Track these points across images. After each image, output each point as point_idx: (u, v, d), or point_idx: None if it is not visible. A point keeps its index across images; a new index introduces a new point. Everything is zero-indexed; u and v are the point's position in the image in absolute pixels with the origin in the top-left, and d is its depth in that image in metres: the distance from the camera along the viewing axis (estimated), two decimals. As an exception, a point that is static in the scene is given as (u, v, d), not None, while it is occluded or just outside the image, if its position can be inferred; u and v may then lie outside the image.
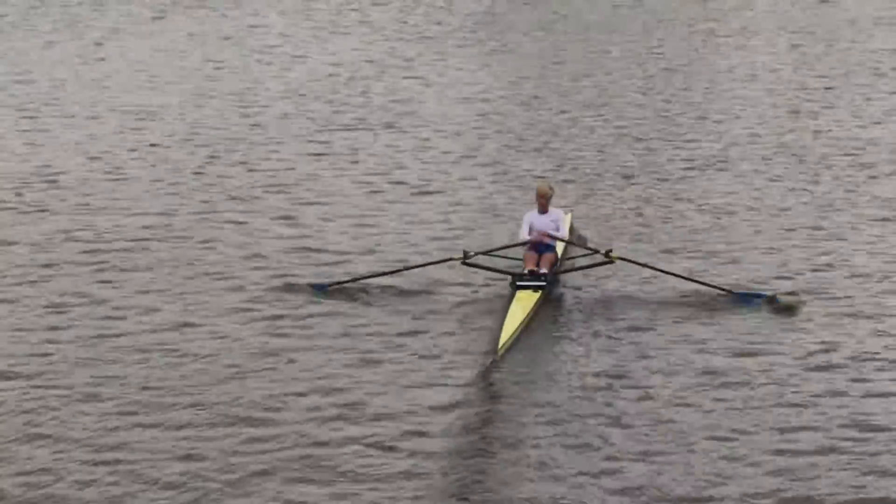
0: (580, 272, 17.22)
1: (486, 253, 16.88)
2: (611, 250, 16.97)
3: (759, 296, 16.58)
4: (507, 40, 39.52)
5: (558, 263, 17.07)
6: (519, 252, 17.08)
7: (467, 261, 16.55)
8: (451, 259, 16.95)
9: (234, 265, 18.30)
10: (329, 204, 21.72)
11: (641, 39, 41.16)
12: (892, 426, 13.43)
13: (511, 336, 14.70)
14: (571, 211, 19.60)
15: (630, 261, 17.13)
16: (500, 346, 14.40)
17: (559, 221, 17.19)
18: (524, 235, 16.98)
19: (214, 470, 12.31)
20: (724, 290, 16.54)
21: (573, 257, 17.73)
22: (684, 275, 17.07)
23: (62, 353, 15.11)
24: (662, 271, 17.15)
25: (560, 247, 17.37)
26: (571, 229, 18.44)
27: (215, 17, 38.31)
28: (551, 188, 17.48)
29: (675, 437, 13.08)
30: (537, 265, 16.63)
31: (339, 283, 16.70)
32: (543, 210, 17.18)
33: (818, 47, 40.78)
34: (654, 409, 13.52)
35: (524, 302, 15.57)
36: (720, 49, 40.00)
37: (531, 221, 17.13)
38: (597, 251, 17.13)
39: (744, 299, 16.39)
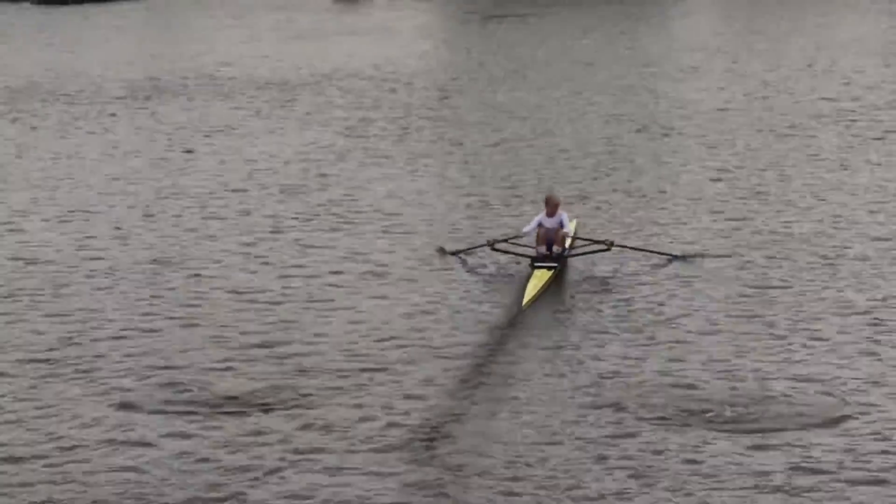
0: (584, 255, 20.61)
1: (505, 240, 20.64)
2: (610, 240, 20.52)
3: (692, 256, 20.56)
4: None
5: (565, 252, 20.33)
6: (531, 245, 20.43)
7: (494, 247, 20.51)
8: (482, 246, 20.85)
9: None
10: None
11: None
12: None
13: (532, 297, 18.57)
14: (577, 218, 22.40)
15: (624, 246, 20.67)
16: (524, 302, 18.41)
17: (563, 223, 20.36)
18: (529, 228, 20.41)
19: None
20: (673, 255, 20.54)
21: (578, 248, 20.86)
22: (658, 250, 20.74)
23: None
24: (647, 251, 20.67)
25: (566, 242, 20.49)
26: (577, 231, 21.47)
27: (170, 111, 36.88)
28: (557, 196, 20.91)
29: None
30: (549, 249, 20.11)
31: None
32: (551, 214, 20.36)
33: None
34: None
35: (540, 276, 19.31)
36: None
37: (540, 222, 20.42)
38: (599, 241, 20.55)
39: (682, 260, 20.36)
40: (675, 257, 20.45)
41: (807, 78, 39.94)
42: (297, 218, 23.47)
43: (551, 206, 20.34)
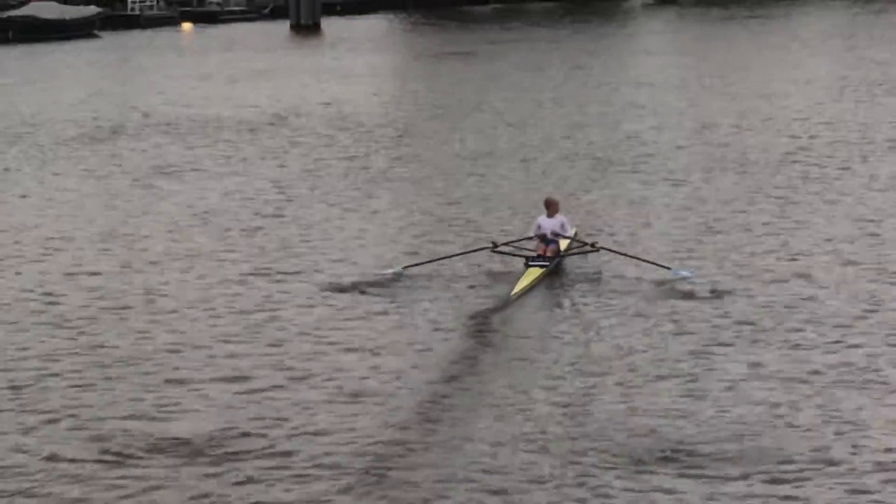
0: (574, 256, 22.55)
1: (507, 244, 22.38)
2: (596, 242, 22.56)
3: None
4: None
5: (558, 256, 22.09)
6: (531, 244, 22.18)
7: (496, 249, 22.16)
8: (484, 248, 22.42)
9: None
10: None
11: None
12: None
13: (521, 290, 20.59)
14: (577, 226, 23.95)
15: (609, 249, 22.43)
16: (513, 293, 20.45)
17: (563, 224, 22.28)
18: (532, 233, 22.31)
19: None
20: (663, 266, 21.66)
21: (570, 249, 22.65)
22: (645, 258, 22.09)
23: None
24: (631, 256, 22.22)
25: (563, 243, 22.36)
26: (576, 234, 23.29)
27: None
28: (556, 199, 22.95)
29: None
30: (544, 252, 21.81)
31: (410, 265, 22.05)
32: (551, 215, 22.28)
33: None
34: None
35: (532, 274, 21.21)
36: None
37: (540, 222, 22.31)
38: (586, 243, 22.52)
39: (675, 273, 21.39)
40: (658, 265, 21.55)
41: (763, 111, 40.17)
42: (249, 257, 23.14)
43: (551, 208, 22.35)
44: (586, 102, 43.50)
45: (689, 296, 20.27)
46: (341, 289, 21.04)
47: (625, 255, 22.18)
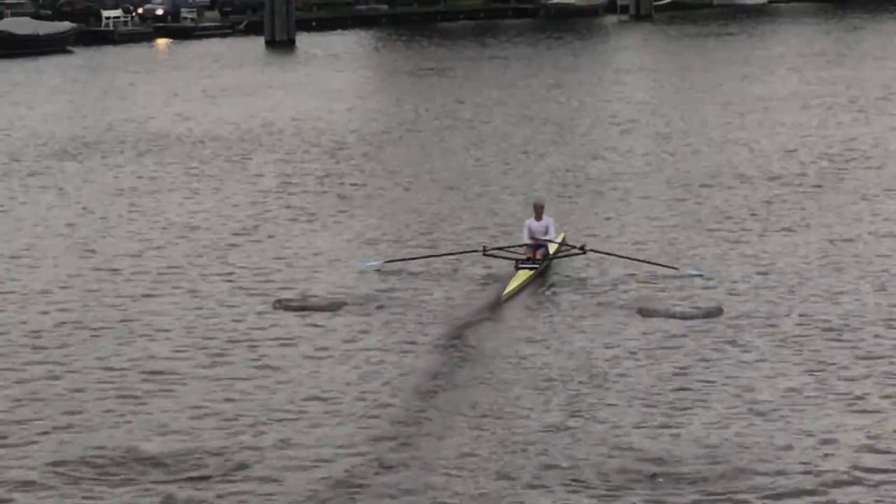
0: (563, 259, 23.51)
1: (498, 248, 23.35)
2: (585, 245, 23.36)
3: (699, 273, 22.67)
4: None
5: (549, 256, 23.07)
6: (520, 249, 23.11)
7: (486, 252, 23.07)
8: (475, 251, 23.36)
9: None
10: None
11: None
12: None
13: (510, 292, 21.45)
14: (566, 230, 25.04)
15: (597, 251, 23.33)
16: (503, 295, 21.30)
17: (549, 226, 23.16)
18: (524, 238, 23.08)
19: None
20: (670, 266, 22.74)
21: (559, 252, 23.59)
22: (636, 257, 23.28)
23: None
24: (619, 256, 23.31)
25: (552, 247, 23.40)
26: (564, 238, 24.21)
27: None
28: (543, 203, 23.82)
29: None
30: (534, 255, 22.76)
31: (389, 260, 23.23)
32: (538, 218, 23.20)
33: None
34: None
35: (522, 276, 22.09)
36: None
37: (529, 225, 23.15)
38: (574, 246, 23.42)
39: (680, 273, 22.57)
40: (647, 263, 22.87)
41: (737, 130, 40.29)
42: (224, 272, 23.07)
43: (538, 211, 23.28)
44: (560, 119, 43.57)
45: (681, 295, 21.21)
46: (312, 305, 20.99)
47: (616, 255, 23.23)
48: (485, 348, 18.94)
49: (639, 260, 23.05)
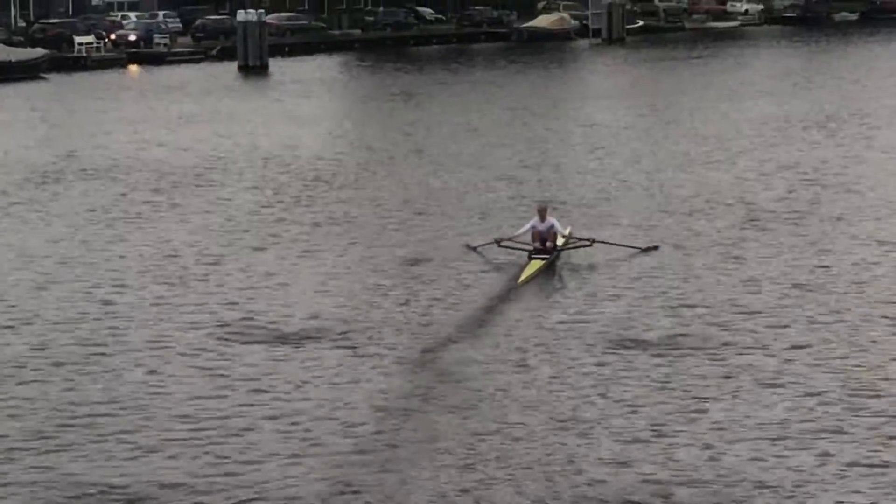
0: (572, 250, 26.29)
1: (509, 239, 26.14)
2: (593, 238, 26.26)
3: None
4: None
5: (556, 250, 25.71)
6: (528, 243, 25.74)
7: (500, 244, 26.06)
8: (491, 242, 26.40)
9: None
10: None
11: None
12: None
13: (525, 278, 24.29)
14: (571, 226, 27.87)
15: (604, 242, 26.26)
16: (519, 280, 24.22)
17: (554, 225, 25.90)
18: (524, 229, 25.88)
19: None
20: (639, 248, 26.41)
21: (567, 244, 26.35)
22: (629, 244, 26.70)
23: None
24: (624, 245, 26.48)
25: (559, 240, 26.04)
26: (570, 233, 27.02)
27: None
28: (546, 205, 26.87)
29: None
30: (544, 247, 25.52)
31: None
32: (542, 219, 25.86)
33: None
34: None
35: (535, 265, 24.92)
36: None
37: (534, 224, 25.83)
38: (583, 239, 26.37)
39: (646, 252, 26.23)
40: (642, 249, 26.09)
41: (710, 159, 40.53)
42: (196, 302, 23.07)
43: (542, 213, 25.91)
44: (532, 142, 43.73)
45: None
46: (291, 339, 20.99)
47: (622, 245, 26.29)
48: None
49: (637, 248, 26.31)
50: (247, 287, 24.32)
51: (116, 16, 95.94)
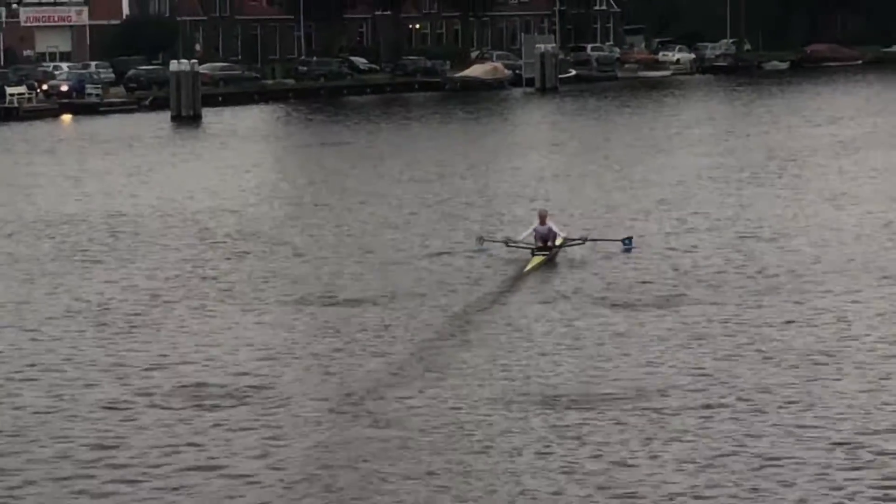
0: (567, 248, 31.39)
1: (515, 241, 31.22)
2: (585, 237, 31.62)
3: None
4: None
5: (555, 249, 30.74)
6: (531, 243, 30.72)
7: (508, 244, 31.34)
8: (500, 241, 31.73)
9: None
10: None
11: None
12: None
13: (529, 269, 29.53)
14: (567, 227, 32.76)
15: (593, 239, 31.76)
16: (525, 270, 29.43)
17: (551, 227, 30.72)
18: (527, 233, 30.94)
19: None
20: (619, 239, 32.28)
21: (565, 243, 31.28)
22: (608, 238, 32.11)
23: None
24: (610, 240, 32.22)
25: (557, 241, 31.04)
26: (566, 235, 31.66)
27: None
28: (546, 212, 31.69)
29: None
30: (545, 245, 30.49)
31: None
32: (543, 223, 30.78)
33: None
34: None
35: (537, 259, 30.00)
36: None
37: (535, 228, 30.75)
38: (577, 238, 31.49)
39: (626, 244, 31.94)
40: (622, 241, 31.82)
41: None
42: (129, 359, 22.95)
43: (542, 218, 30.78)
44: (461, 189, 44.00)
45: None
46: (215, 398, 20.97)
47: (608, 240, 31.96)
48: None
49: (616, 240, 31.94)
50: (172, 344, 24.21)
51: (48, 66, 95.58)
